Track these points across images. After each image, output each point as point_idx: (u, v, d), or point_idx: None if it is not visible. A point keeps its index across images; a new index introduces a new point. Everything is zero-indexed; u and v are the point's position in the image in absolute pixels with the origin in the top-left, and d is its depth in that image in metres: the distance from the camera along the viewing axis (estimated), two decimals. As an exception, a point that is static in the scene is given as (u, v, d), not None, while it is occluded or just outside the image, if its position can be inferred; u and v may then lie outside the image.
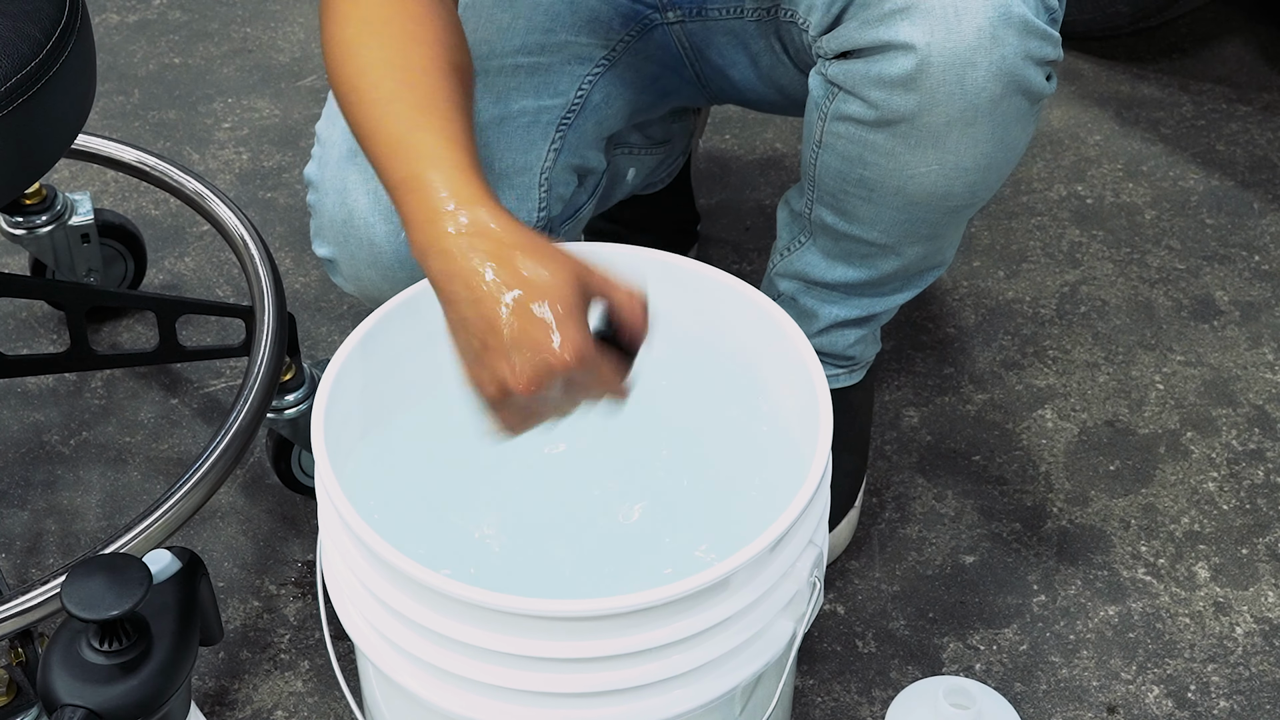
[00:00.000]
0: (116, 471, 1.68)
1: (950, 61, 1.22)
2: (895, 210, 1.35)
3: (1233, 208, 2.03)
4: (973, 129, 1.26)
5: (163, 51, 2.31)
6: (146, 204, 2.02)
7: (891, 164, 1.30)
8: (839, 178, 1.35)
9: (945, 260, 1.48)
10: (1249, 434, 1.73)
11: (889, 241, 1.39)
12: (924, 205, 1.33)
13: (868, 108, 1.27)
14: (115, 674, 1.11)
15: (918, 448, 1.71)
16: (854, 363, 1.57)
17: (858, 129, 1.30)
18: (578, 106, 1.43)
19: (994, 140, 1.27)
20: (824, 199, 1.40)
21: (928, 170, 1.29)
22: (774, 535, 1.03)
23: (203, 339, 1.83)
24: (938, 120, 1.25)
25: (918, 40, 1.21)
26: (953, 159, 1.28)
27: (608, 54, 1.45)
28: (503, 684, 1.04)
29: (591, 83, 1.44)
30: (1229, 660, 1.51)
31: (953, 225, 1.40)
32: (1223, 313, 1.88)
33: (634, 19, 1.46)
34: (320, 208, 1.36)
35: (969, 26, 1.21)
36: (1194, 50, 2.33)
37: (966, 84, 1.23)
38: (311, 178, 1.37)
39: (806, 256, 1.47)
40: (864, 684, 1.48)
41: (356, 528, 1.04)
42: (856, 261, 1.44)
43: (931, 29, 1.21)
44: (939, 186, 1.31)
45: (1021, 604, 1.55)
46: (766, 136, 2.15)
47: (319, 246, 1.38)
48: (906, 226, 1.37)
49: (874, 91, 1.26)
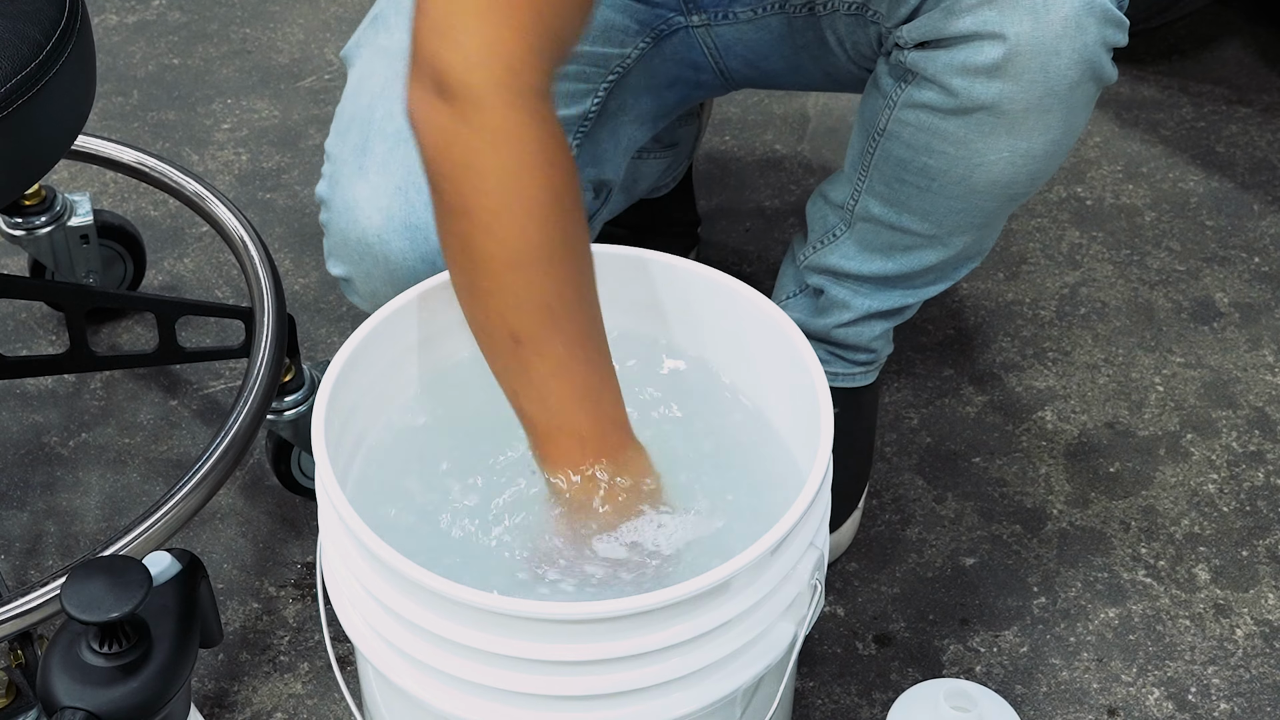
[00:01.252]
0: (116, 473, 1.68)
1: (1037, 50, 1.25)
2: (953, 199, 1.37)
3: (1232, 209, 2.03)
4: (1048, 115, 1.29)
5: (162, 52, 2.30)
6: (146, 205, 2.02)
7: (961, 151, 1.32)
8: (900, 166, 1.37)
9: (984, 251, 1.49)
10: (1249, 436, 1.73)
11: (938, 233, 1.41)
12: (984, 194, 1.36)
13: (946, 95, 1.29)
14: (115, 676, 1.11)
15: (918, 449, 1.71)
16: (874, 358, 1.58)
17: (930, 116, 1.32)
18: (593, 115, 1.43)
19: (1064, 126, 1.31)
20: (876, 189, 1.41)
21: (997, 158, 1.32)
22: (775, 538, 1.03)
23: (202, 340, 1.83)
24: (1017, 107, 1.28)
25: (1007, 30, 1.24)
26: (1024, 145, 1.31)
27: (623, 62, 1.45)
28: (503, 686, 1.04)
29: (608, 90, 1.43)
30: (1229, 662, 1.50)
31: (1003, 214, 1.43)
32: (1222, 314, 1.88)
33: (651, 25, 1.46)
34: (334, 227, 1.34)
35: (1056, 16, 1.24)
36: (1193, 52, 2.33)
37: (1050, 71, 1.26)
38: (323, 196, 1.36)
39: (842, 248, 1.48)
40: (864, 686, 1.48)
41: (356, 529, 1.04)
42: (897, 254, 1.45)
43: (1021, 18, 1.24)
44: (1005, 174, 1.34)
45: (1022, 606, 1.55)
46: (766, 139, 2.15)
47: (334, 266, 1.37)
48: (961, 216, 1.39)
49: (956, 79, 1.28)
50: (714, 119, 2.16)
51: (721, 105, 2.18)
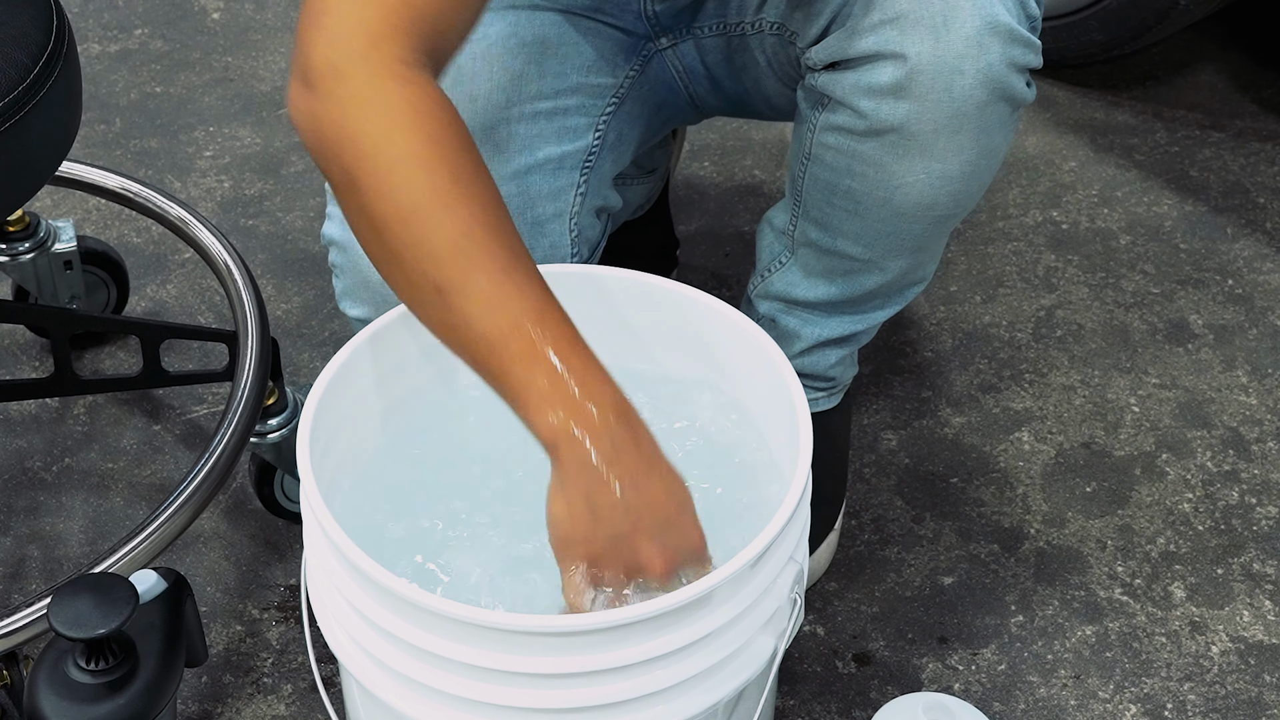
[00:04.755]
0: (99, 498, 1.69)
1: (939, 70, 1.24)
2: (880, 222, 1.37)
3: (1206, 233, 2.06)
4: (959, 136, 1.28)
5: (144, 81, 2.32)
6: (128, 232, 2.03)
7: (879, 174, 1.32)
8: (826, 190, 1.37)
9: (925, 276, 1.50)
10: (1223, 455, 1.74)
11: (872, 256, 1.41)
12: (909, 216, 1.35)
13: (857, 117, 1.29)
14: (101, 693, 1.12)
15: (896, 470, 1.73)
16: (834, 385, 1.59)
17: (847, 139, 1.32)
18: (598, 147, 1.43)
19: (978, 147, 1.30)
20: (810, 214, 1.41)
21: (915, 180, 1.31)
22: (755, 551, 1.04)
23: (185, 365, 1.84)
24: (925, 128, 1.27)
25: (907, 49, 1.24)
26: (939, 167, 1.30)
27: (617, 91, 1.45)
28: (486, 700, 1.05)
29: (606, 122, 1.44)
30: (1205, 679, 1.52)
31: (936, 237, 1.42)
32: (1197, 336, 1.90)
33: (635, 51, 1.47)
34: (349, 268, 1.34)
35: (957, 35, 1.23)
36: (1167, 78, 2.35)
37: (954, 91, 1.25)
38: (335, 238, 1.35)
39: (788, 275, 1.49)
40: (844, 704, 1.49)
41: (340, 543, 1.05)
42: (839, 278, 1.45)
43: (921, 38, 1.24)
44: (925, 196, 1.33)
45: (999, 624, 1.57)
46: (745, 164, 2.17)
47: (350, 307, 1.36)
48: (891, 239, 1.39)
49: (863, 101, 1.28)
50: (693, 145, 2.18)
51: (701, 132, 2.20)
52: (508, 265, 1.07)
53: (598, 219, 1.45)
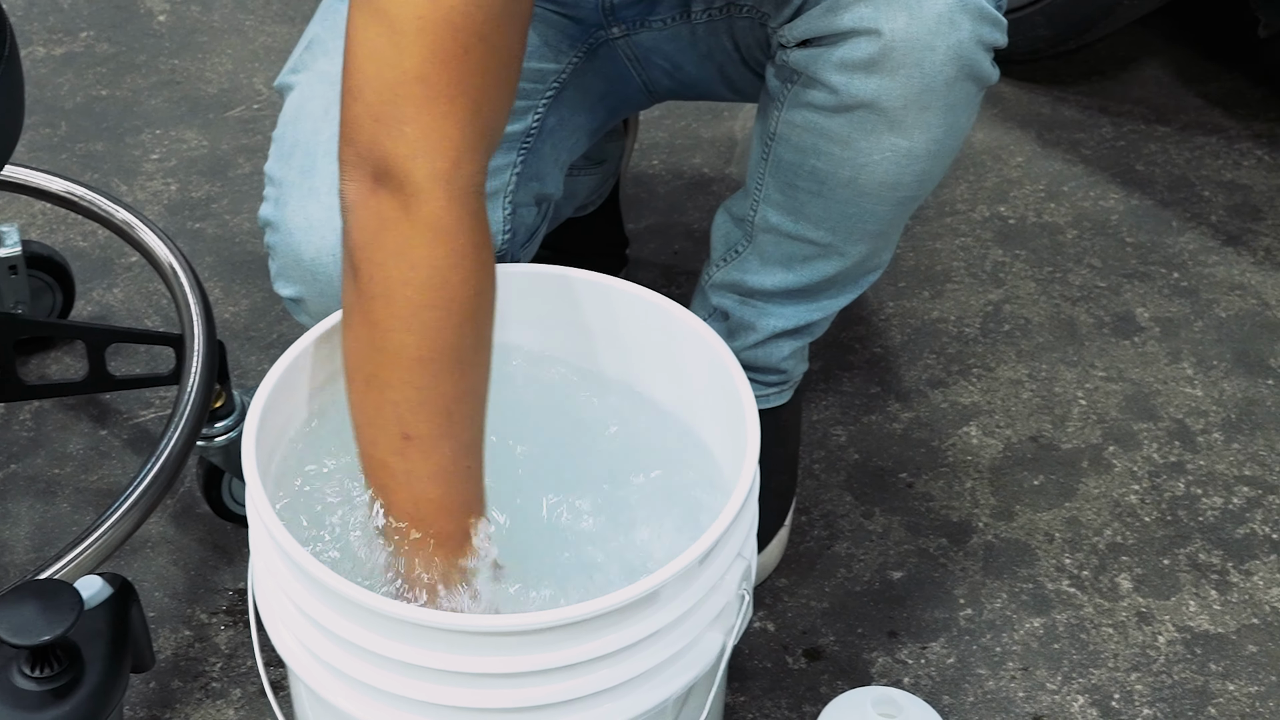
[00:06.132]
0: (45, 504, 1.68)
1: (912, 45, 1.27)
2: (844, 204, 1.38)
3: (1152, 226, 2.07)
4: (927, 113, 1.30)
5: (89, 84, 2.30)
6: (74, 236, 2.02)
7: (846, 152, 1.34)
8: (791, 171, 1.38)
9: (883, 263, 1.51)
10: (1169, 447, 1.76)
11: (834, 240, 1.42)
12: (873, 196, 1.37)
13: (828, 93, 1.31)
14: (47, 700, 1.11)
15: (845, 466, 1.73)
16: (785, 379, 1.59)
17: (815, 115, 1.33)
18: (535, 131, 1.44)
19: (944, 125, 1.32)
20: (772, 197, 1.42)
21: (881, 157, 1.33)
22: (703, 548, 1.05)
23: (132, 370, 1.83)
24: (895, 103, 1.29)
25: (883, 25, 1.26)
26: (905, 144, 1.32)
27: (558, 77, 1.46)
28: (434, 700, 1.05)
29: (546, 106, 1.45)
30: (1152, 669, 1.53)
31: (897, 220, 1.43)
32: (1143, 329, 1.91)
33: (581, 39, 1.47)
34: (283, 248, 1.34)
35: (930, 11, 1.26)
36: (1113, 72, 2.37)
37: (925, 67, 1.27)
38: (270, 218, 1.35)
39: (744, 264, 1.49)
40: (794, 699, 1.50)
41: (286, 545, 1.05)
42: (797, 265, 1.46)
43: (895, 14, 1.26)
44: (890, 175, 1.35)
45: (948, 618, 1.57)
46: (694, 161, 2.17)
47: (284, 287, 1.36)
48: (854, 221, 1.40)
49: (836, 76, 1.30)
50: (642, 143, 2.18)
51: (649, 129, 2.20)
52: (473, 443, 1.14)
53: (537, 207, 1.46)
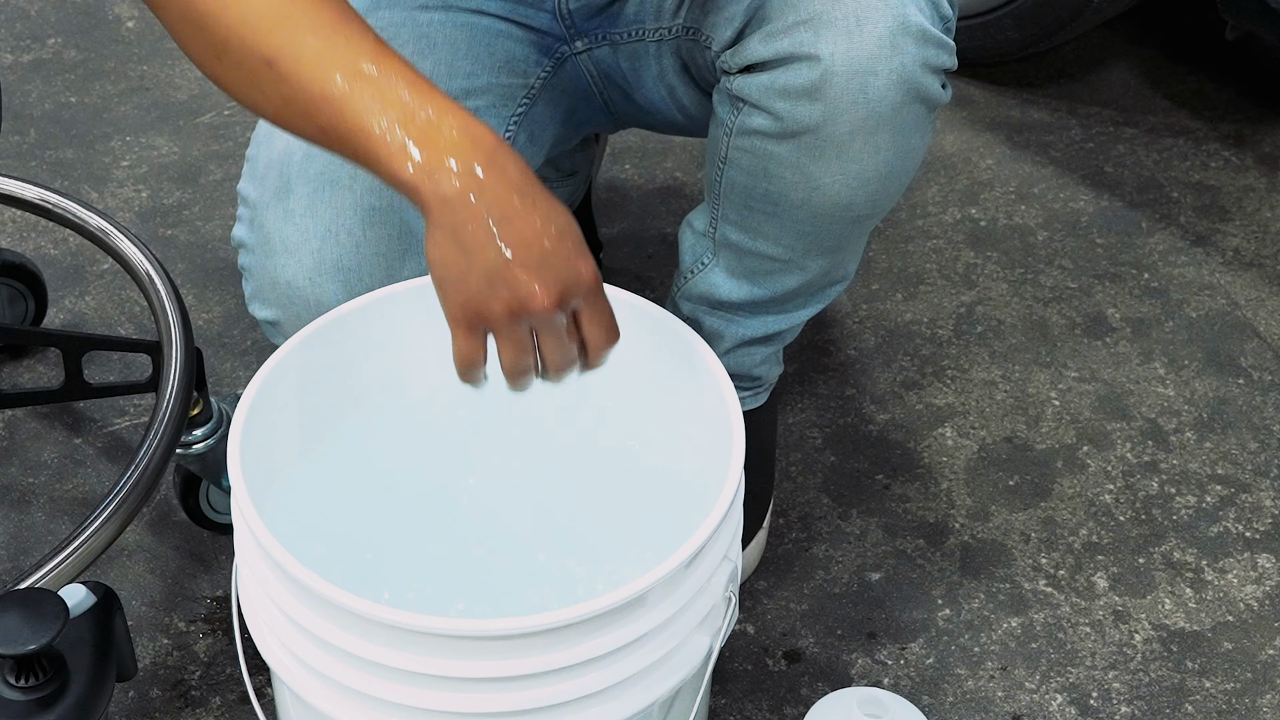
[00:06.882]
0: (20, 513, 1.67)
1: (853, 70, 1.24)
2: (799, 223, 1.37)
3: (1122, 227, 2.08)
4: (874, 137, 1.28)
5: (59, 90, 2.30)
6: (46, 244, 2.01)
7: (796, 176, 1.32)
8: (744, 193, 1.37)
9: (847, 275, 1.51)
10: (1143, 446, 1.77)
11: (792, 256, 1.42)
12: (828, 217, 1.36)
13: (772, 120, 1.29)
14: (32, 710, 1.10)
15: (822, 468, 1.74)
16: (759, 384, 1.60)
17: (763, 142, 1.32)
18: None
19: (894, 148, 1.30)
20: (729, 216, 1.42)
21: (832, 181, 1.31)
22: (690, 550, 1.05)
23: (105, 378, 1.82)
24: (841, 130, 1.27)
25: (821, 50, 1.24)
26: (855, 168, 1.30)
27: (528, 93, 1.45)
28: (420, 705, 1.05)
29: (517, 123, 1.43)
30: (1129, 667, 1.54)
31: (855, 237, 1.43)
32: (1115, 329, 1.92)
33: (548, 53, 1.47)
34: (258, 270, 1.32)
35: (870, 36, 1.24)
36: (1081, 75, 2.38)
37: (869, 92, 1.25)
38: (245, 240, 1.33)
39: (711, 277, 1.49)
40: (775, 701, 1.50)
41: (272, 549, 1.05)
42: (761, 279, 1.46)
43: (834, 39, 1.24)
44: (843, 197, 1.33)
45: (927, 618, 1.58)
46: (666, 166, 2.17)
47: (260, 310, 1.34)
48: (811, 240, 1.39)
49: (778, 103, 1.28)
50: (613, 147, 2.18)
51: (622, 134, 2.20)
52: (336, 21, 1.03)
53: None
